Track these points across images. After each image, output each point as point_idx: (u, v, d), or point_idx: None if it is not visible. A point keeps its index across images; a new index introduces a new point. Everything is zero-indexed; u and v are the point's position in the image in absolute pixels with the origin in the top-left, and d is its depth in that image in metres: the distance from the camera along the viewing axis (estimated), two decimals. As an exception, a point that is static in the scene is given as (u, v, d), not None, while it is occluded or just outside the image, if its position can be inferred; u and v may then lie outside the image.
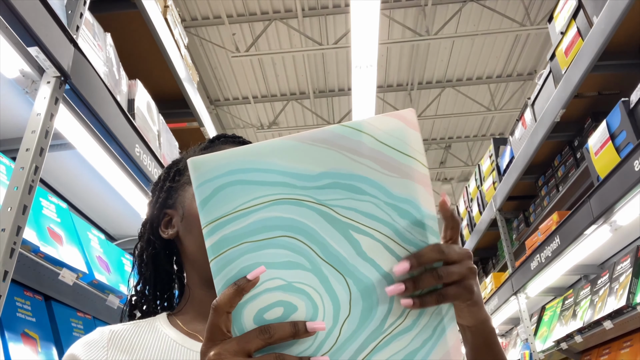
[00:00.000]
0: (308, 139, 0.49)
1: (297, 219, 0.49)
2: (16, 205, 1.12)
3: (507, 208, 3.75)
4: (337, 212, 0.49)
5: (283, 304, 0.48)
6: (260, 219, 0.48)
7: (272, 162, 0.49)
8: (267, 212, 0.48)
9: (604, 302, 2.32)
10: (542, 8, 6.67)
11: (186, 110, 2.61)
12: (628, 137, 1.95)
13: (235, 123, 8.77)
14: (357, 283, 0.49)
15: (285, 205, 0.49)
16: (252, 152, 0.49)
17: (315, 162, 0.49)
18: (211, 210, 0.48)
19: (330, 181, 0.49)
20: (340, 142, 0.49)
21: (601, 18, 2.05)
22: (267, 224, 0.48)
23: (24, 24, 1.14)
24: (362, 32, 5.05)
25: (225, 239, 0.48)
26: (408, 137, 0.50)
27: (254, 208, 0.48)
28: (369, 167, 0.50)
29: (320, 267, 0.49)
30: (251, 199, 0.48)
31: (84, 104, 1.41)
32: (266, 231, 0.48)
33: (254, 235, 0.48)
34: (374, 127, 0.50)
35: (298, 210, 0.49)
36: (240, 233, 0.48)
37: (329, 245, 0.49)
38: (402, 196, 0.50)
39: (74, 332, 1.65)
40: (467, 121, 8.99)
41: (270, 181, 0.48)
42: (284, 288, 0.48)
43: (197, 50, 7.21)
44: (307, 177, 0.49)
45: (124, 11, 2.06)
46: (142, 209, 2.03)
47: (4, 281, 1.07)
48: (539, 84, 2.86)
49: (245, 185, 0.48)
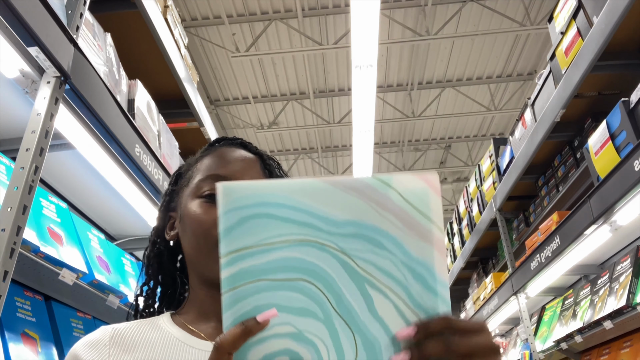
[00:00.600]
0: (340, 184, 0.49)
1: (319, 264, 0.48)
2: (16, 205, 1.12)
3: (507, 208, 3.75)
4: (356, 264, 0.49)
5: (290, 353, 0.47)
6: (282, 257, 0.47)
7: (302, 201, 0.48)
8: (290, 252, 0.48)
9: (604, 302, 2.32)
10: (542, 8, 6.67)
11: (186, 110, 2.61)
12: (628, 137, 1.95)
13: (235, 123, 8.77)
14: (365, 342, 0.49)
15: (309, 248, 0.48)
16: (284, 188, 0.49)
17: (343, 208, 0.49)
18: (234, 240, 0.47)
19: (355, 230, 0.49)
20: (369, 192, 0.50)
21: (601, 18, 2.05)
22: (289, 264, 0.47)
23: (24, 24, 1.14)
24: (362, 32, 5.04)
25: (244, 272, 0.46)
26: (431, 201, 0.51)
27: (278, 245, 0.47)
28: (392, 222, 0.50)
29: (332, 318, 0.48)
30: (276, 234, 0.47)
31: (84, 104, 1.41)
32: (286, 271, 0.47)
33: (273, 273, 0.47)
34: (402, 184, 0.50)
35: (320, 255, 0.48)
36: (260, 269, 0.47)
37: (344, 297, 0.48)
38: (419, 258, 0.50)
39: (74, 332, 1.65)
40: (467, 121, 8.99)
41: (297, 220, 0.48)
42: (294, 336, 0.47)
43: (197, 50, 7.21)
44: (333, 223, 0.49)
45: (124, 11, 2.06)
46: (142, 208, 2.03)
47: (4, 281, 1.07)
48: (539, 84, 2.86)
49: (273, 220, 0.47)
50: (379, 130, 9.06)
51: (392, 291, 0.49)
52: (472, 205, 4.51)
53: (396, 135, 9.43)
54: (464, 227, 4.83)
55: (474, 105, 8.41)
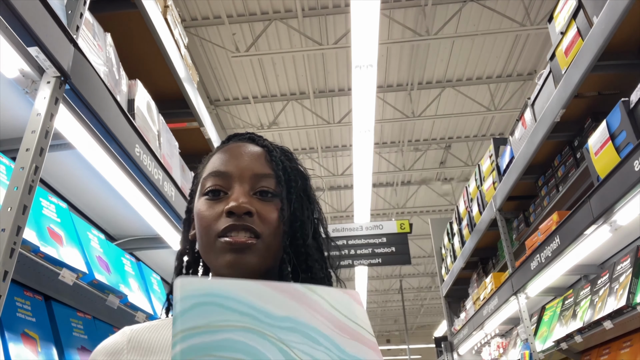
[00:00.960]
0: (277, 287, 0.56)
1: (260, 349, 0.52)
2: (16, 205, 1.12)
3: (507, 208, 3.75)
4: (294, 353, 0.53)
5: None
6: (228, 338, 0.51)
7: (245, 296, 0.54)
8: (235, 335, 0.52)
9: (604, 302, 2.32)
10: (542, 8, 6.68)
11: (186, 110, 2.61)
12: (628, 137, 1.95)
13: (235, 123, 8.77)
14: None
15: (252, 335, 0.52)
16: (231, 286, 0.55)
17: (280, 306, 0.55)
18: (186, 321, 0.51)
19: (291, 325, 0.54)
20: (300, 297, 0.57)
21: (601, 18, 2.05)
22: (233, 345, 0.51)
23: (24, 24, 1.14)
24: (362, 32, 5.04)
25: (193, 347, 0.50)
26: (356, 311, 0.58)
27: (224, 328, 0.52)
28: (323, 323, 0.56)
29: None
30: (223, 319, 0.52)
31: (84, 104, 1.41)
32: (231, 351, 0.51)
33: (218, 351, 0.50)
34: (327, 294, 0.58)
35: (262, 342, 0.52)
36: (207, 345, 0.50)
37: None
38: (353, 355, 0.55)
39: (74, 332, 1.65)
40: (467, 121, 9.00)
41: (241, 310, 0.53)
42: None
43: (197, 50, 7.21)
44: (272, 317, 0.54)
45: (124, 11, 2.06)
46: (142, 208, 2.03)
47: (4, 281, 1.07)
48: (539, 84, 2.86)
49: (220, 308, 0.53)
50: (379, 130, 9.06)
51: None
52: (472, 205, 4.51)
53: (396, 135, 9.43)
54: (464, 227, 4.83)
55: (474, 105, 8.41)
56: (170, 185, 2.04)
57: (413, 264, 12.45)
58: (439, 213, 11.78)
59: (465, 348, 5.39)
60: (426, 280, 15.75)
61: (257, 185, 0.73)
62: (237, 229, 0.69)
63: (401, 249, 6.54)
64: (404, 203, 11.45)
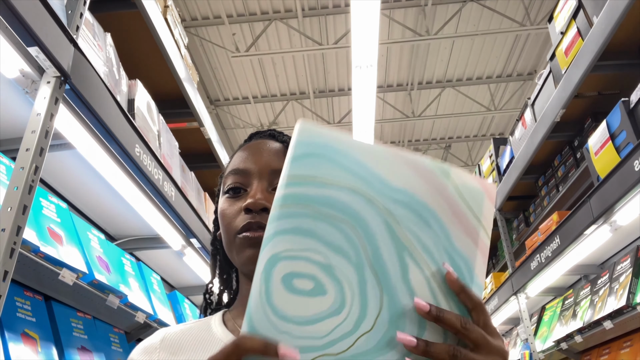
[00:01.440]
0: (401, 155, 0.52)
1: (363, 214, 0.49)
2: (16, 205, 1.12)
3: (507, 208, 3.75)
4: (399, 229, 0.50)
5: (315, 280, 0.47)
6: (332, 196, 0.49)
7: (365, 158, 0.51)
8: (341, 194, 0.49)
9: (604, 302, 2.32)
10: (542, 8, 6.67)
11: (186, 110, 2.61)
12: (628, 137, 1.95)
13: (235, 123, 8.77)
14: (391, 305, 0.48)
15: (358, 198, 0.49)
16: (353, 143, 0.51)
17: (400, 177, 0.51)
18: (295, 167, 0.50)
19: (405, 199, 0.50)
20: (427, 174, 0.51)
21: (601, 18, 2.05)
22: (336, 204, 0.49)
23: (24, 24, 1.14)
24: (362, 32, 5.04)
25: (296, 195, 0.49)
26: (485, 206, 0.52)
27: (332, 184, 0.49)
28: (442, 208, 0.51)
29: (364, 267, 0.48)
30: (333, 175, 0.50)
31: (84, 104, 1.41)
32: (332, 208, 0.49)
33: (320, 205, 0.49)
34: (461, 179, 0.52)
35: (367, 208, 0.49)
36: (310, 197, 0.49)
37: (380, 255, 0.49)
38: (460, 250, 0.50)
39: (74, 332, 1.65)
40: (467, 121, 8.99)
41: (356, 171, 0.50)
42: (323, 267, 0.48)
43: (197, 50, 7.21)
44: (387, 186, 0.50)
45: (124, 11, 2.06)
46: (142, 208, 2.03)
47: (4, 281, 1.07)
48: (539, 84, 2.86)
49: (334, 163, 0.50)
50: (379, 130, 9.06)
51: (428, 268, 0.49)
52: (472, 205, 4.50)
53: (396, 135, 9.43)
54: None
55: (474, 105, 8.41)
56: (170, 185, 2.04)
57: (413, 264, 12.40)
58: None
59: (465, 348, 5.37)
60: (426, 280, 15.73)
61: (275, 181, 0.73)
62: (253, 228, 0.69)
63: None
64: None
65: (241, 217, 0.70)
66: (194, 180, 2.62)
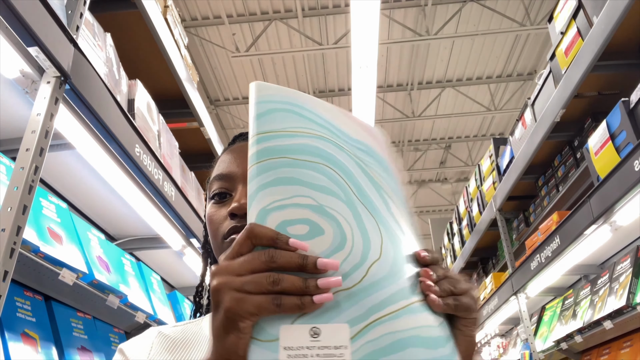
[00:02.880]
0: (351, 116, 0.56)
1: (337, 157, 0.51)
2: (16, 205, 1.12)
3: (507, 208, 3.75)
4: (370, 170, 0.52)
5: (310, 223, 0.46)
6: (304, 143, 0.50)
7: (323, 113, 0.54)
8: (312, 141, 0.50)
9: (604, 302, 2.32)
10: (542, 8, 6.68)
11: (186, 110, 2.61)
12: (628, 137, 1.95)
13: (235, 123, 8.77)
14: (389, 234, 0.49)
15: (328, 143, 0.51)
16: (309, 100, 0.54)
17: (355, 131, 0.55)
18: (261, 124, 0.50)
19: (365, 148, 0.54)
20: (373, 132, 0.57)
21: (601, 18, 2.05)
22: (310, 150, 0.50)
23: (24, 24, 1.14)
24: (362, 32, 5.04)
25: (268, 149, 0.49)
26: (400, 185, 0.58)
27: (301, 133, 0.50)
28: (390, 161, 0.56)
29: (354, 202, 0.49)
30: (301, 126, 0.51)
31: (84, 104, 1.41)
32: (308, 155, 0.49)
33: (295, 154, 0.49)
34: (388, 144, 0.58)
35: (338, 151, 0.51)
36: (283, 148, 0.49)
37: (364, 190, 0.50)
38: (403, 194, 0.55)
39: (74, 332, 1.65)
40: (467, 121, 8.99)
41: (319, 122, 0.52)
42: (313, 208, 0.47)
43: (197, 50, 7.21)
44: (348, 137, 0.53)
45: (124, 11, 2.06)
46: (142, 208, 2.03)
47: (4, 281, 1.07)
48: (539, 84, 2.86)
49: (297, 115, 0.51)
50: (379, 130, 9.05)
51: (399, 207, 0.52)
52: (472, 205, 4.50)
53: (396, 135, 9.43)
54: (464, 227, 4.83)
55: (474, 105, 8.41)
56: (170, 185, 2.04)
57: (413, 264, 12.40)
58: (439, 213, 11.78)
59: (465, 348, 5.38)
60: (426, 280, 15.72)
61: None
62: (239, 231, 0.69)
63: (401, 249, 6.52)
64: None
65: (227, 223, 0.70)
66: (194, 180, 2.62)
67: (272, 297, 0.43)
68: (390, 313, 0.45)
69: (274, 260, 0.44)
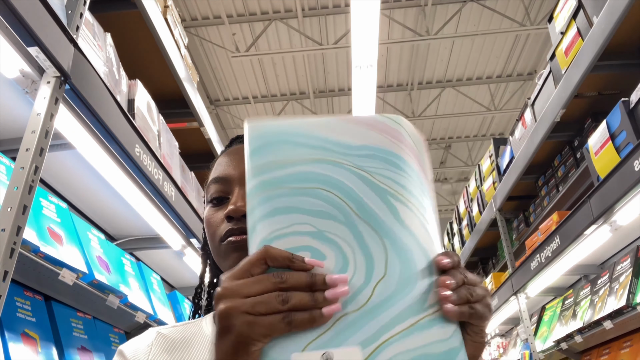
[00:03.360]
0: (353, 119, 0.54)
1: (334, 176, 0.50)
2: (16, 205, 1.12)
3: (507, 208, 3.75)
4: (374, 178, 0.51)
5: (311, 249, 0.47)
6: (299, 171, 0.50)
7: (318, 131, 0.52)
8: (308, 167, 0.50)
9: (604, 302, 2.32)
10: (542, 8, 6.67)
11: (186, 110, 2.61)
12: (628, 137, 1.95)
13: (235, 123, 8.77)
14: (395, 246, 0.48)
15: (326, 165, 0.51)
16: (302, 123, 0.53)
17: (357, 137, 0.52)
18: (256, 158, 0.51)
19: (370, 152, 0.52)
20: (381, 125, 0.53)
21: (601, 18, 2.05)
22: (305, 176, 0.50)
23: (24, 24, 1.14)
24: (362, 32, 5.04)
25: (265, 182, 0.49)
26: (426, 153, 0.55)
27: (295, 162, 0.50)
28: (404, 151, 0.53)
29: (354, 222, 0.48)
30: (294, 154, 0.51)
31: (84, 104, 1.41)
32: (303, 182, 0.50)
33: (291, 183, 0.49)
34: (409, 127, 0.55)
35: (337, 170, 0.50)
36: (279, 179, 0.50)
37: (365, 204, 0.49)
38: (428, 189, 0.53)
39: (74, 332, 1.65)
40: (467, 121, 8.99)
41: (313, 144, 0.51)
42: (313, 235, 0.47)
43: (197, 50, 7.21)
44: (348, 147, 0.52)
45: (124, 11, 2.06)
46: (142, 208, 2.03)
47: (4, 281, 1.07)
48: (539, 84, 2.86)
49: (291, 144, 0.51)
50: (379, 130, 9.05)
51: (414, 205, 0.50)
52: (472, 205, 4.51)
53: (396, 135, 9.42)
54: (464, 227, 4.83)
55: (474, 105, 8.41)
56: (170, 185, 2.04)
57: (413, 264, 12.41)
58: (439, 213, 11.72)
59: (465, 348, 5.38)
60: (426, 280, 15.73)
61: None
62: (236, 233, 0.69)
63: (401, 249, 6.52)
64: (404, 203, 11.44)
65: (224, 225, 0.71)
66: (194, 180, 2.62)
67: (282, 316, 0.43)
68: (401, 331, 0.45)
69: (285, 281, 0.44)
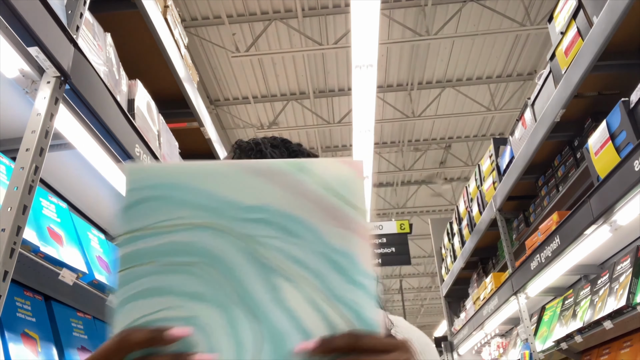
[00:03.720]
0: (250, 169, 0.47)
1: (216, 250, 0.46)
2: (16, 205, 1.12)
3: (507, 208, 3.75)
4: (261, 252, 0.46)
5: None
6: (175, 241, 0.46)
7: (206, 185, 0.47)
8: (183, 236, 0.46)
9: (604, 302, 2.32)
10: (542, 8, 6.68)
11: (186, 110, 2.61)
12: (628, 137, 1.95)
13: (235, 123, 8.77)
14: (271, 333, 0.45)
15: (207, 233, 0.46)
16: (190, 172, 0.47)
17: (250, 193, 0.47)
18: (130, 220, 0.46)
19: (262, 216, 0.46)
20: (280, 178, 0.47)
21: (601, 18, 2.05)
22: (182, 248, 0.46)
23: (24, 24, 1.14)
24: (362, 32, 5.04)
25: (135, 254, 0.45)
26: (353, 186, 0.47)
27: (171, 229, 0.46)
28: (306, 208, 0.47)
29: (230, 306, 0.46)
30: (171, 217, 0.46)
31: (84, 104, 1.41)
32: (178, 255, 0.45)
33: (164, 256, 0.45)
34: (321, 169, 0.47)
35: (219, 241, 0.46)
36: (150, 251, 0.45)
37: (245, 286, 0.46)
38: (338, 247, 0.47)
39: (74, 332, 1.65)
40: (467, 121, 9.00)
41: (198, 203, 0.46)
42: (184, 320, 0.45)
43: (197, 50, 7.21)
44: (238, 207, 0.46)
45: (124, 11, 2.06)
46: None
47: (4, 281, 1.07)
48: (539, 84, 2.86)
49: (173, 202, 0.46)
50: (379, 130, 9.06)
51: (305, 281, 0.46)
52: (472, 205, 4.51)
53: (396, 135, 9.43)
54: (464, 227, 4.83)
55: (474, 105, 8.41)
56: (170, 185, 2.04)
57: (413, 264, 12.45)
58: (439, 213, 11.78)
59: (465, 348, 5.39)
60: (426, 280, 15.75)
61: None
62: None
63: (401, 249, 6.53)
64: (404, 203, 11.45)
65: None
66: (194, 180, 2.62)
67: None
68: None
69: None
